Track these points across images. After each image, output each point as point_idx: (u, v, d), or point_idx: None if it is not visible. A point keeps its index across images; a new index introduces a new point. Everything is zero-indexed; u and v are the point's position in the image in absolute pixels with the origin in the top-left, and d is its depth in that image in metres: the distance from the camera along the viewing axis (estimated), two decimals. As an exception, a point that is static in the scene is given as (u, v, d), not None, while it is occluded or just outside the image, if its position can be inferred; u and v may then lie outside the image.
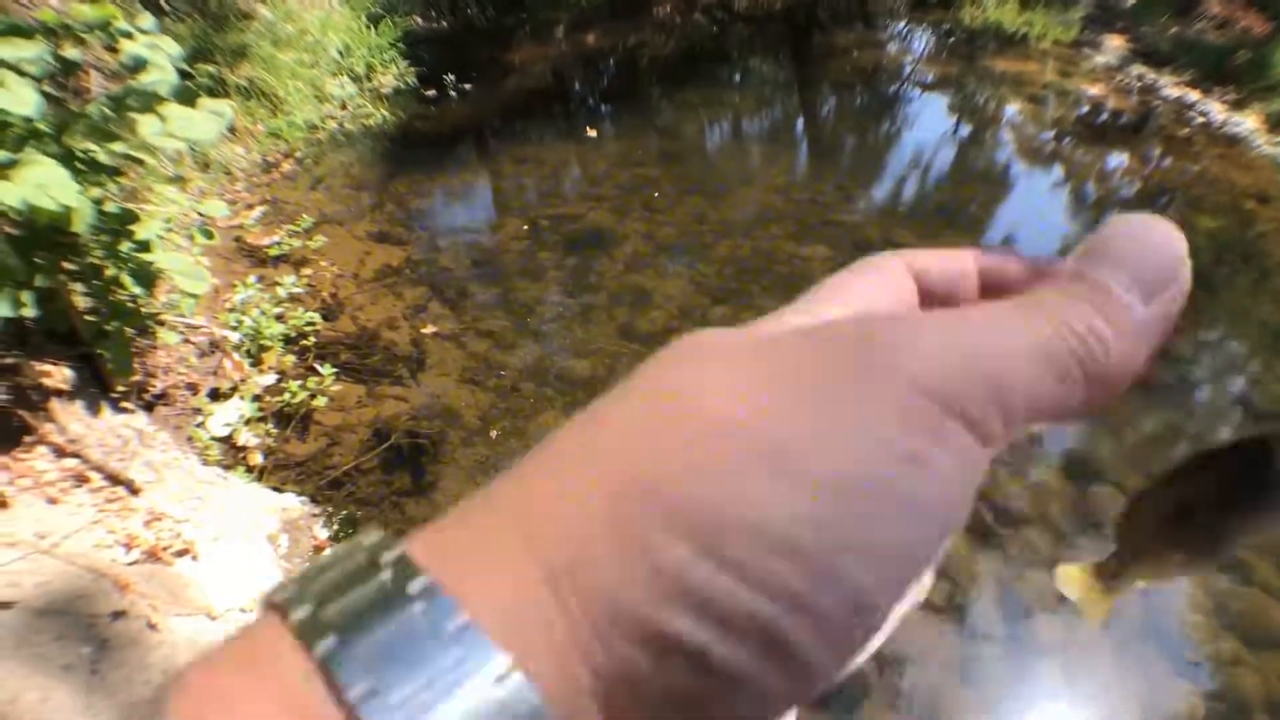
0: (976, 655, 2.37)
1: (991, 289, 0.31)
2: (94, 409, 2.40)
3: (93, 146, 2.13)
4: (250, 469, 2.79)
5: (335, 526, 2.63)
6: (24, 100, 1.88)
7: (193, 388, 2.91)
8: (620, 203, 4.68)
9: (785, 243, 4.32)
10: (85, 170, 2.13)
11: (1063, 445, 3.10)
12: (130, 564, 2.08)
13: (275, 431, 2.95)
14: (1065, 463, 3.03)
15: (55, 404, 2.28)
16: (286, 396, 3.05)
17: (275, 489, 2.72)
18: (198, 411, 2.89)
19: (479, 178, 5.08)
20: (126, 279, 2.35)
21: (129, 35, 2.17)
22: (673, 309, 3.74)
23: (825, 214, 4.66)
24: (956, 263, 0.31)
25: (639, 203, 4.69)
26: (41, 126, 2.01)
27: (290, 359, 3.26)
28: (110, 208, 2.21)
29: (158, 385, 2.78)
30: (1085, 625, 2.49)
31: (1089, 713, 2.30)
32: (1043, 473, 2.99)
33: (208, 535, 2.34)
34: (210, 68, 4.88)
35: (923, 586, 0.30)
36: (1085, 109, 6.50)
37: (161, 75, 2.17)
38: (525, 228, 4.41)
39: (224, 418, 2.91)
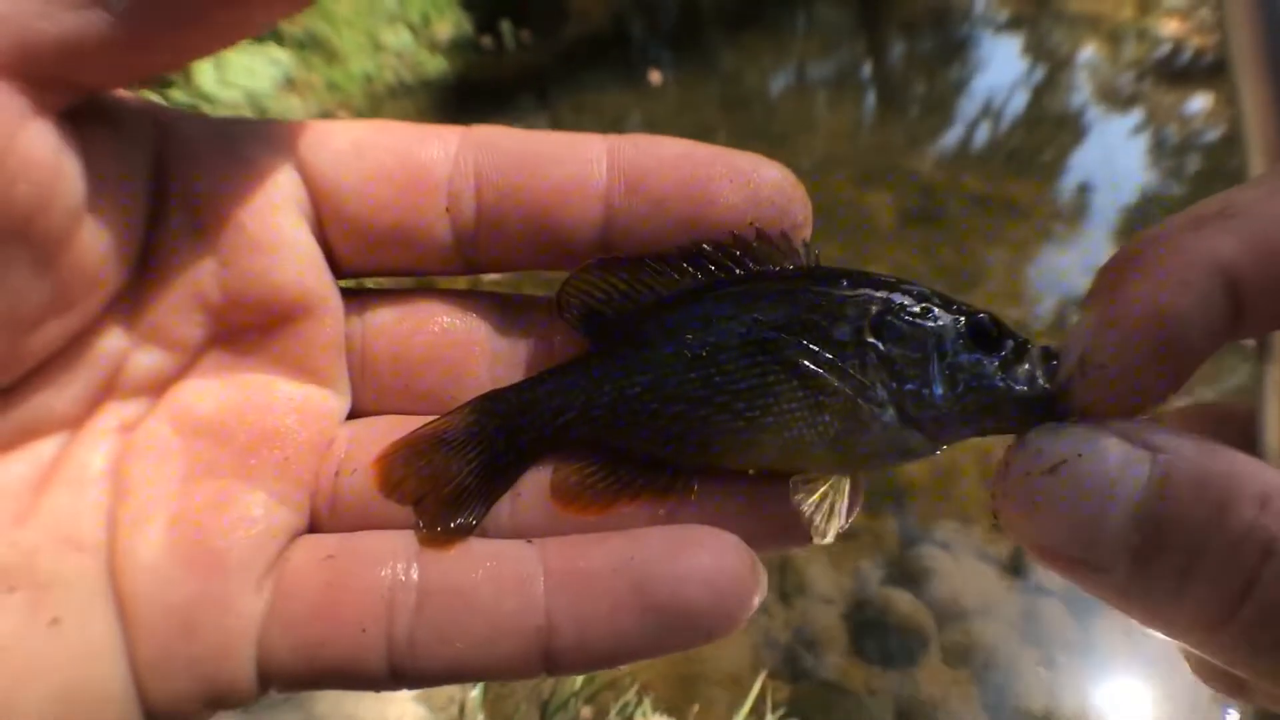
0: (1037, 613, 2.34)
1: None
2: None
3: (150, 95, 2.15)
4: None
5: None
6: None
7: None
8: (680, 151, 4.61)
9: (848, 188, 4.23)
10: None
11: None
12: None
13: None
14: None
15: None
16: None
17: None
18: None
19: (537, 127, 5.02)
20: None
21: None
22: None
23: (890, 160, 4.55)
24: None
25: (699, 151, 4.61)
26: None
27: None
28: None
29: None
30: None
31: (1149, 675, 2.26)
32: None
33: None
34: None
35: None
36: (1165, 48, 6.22)
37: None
38: (584, 177, 4.37)
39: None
